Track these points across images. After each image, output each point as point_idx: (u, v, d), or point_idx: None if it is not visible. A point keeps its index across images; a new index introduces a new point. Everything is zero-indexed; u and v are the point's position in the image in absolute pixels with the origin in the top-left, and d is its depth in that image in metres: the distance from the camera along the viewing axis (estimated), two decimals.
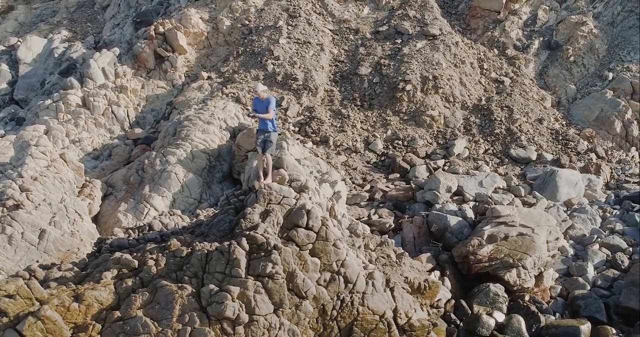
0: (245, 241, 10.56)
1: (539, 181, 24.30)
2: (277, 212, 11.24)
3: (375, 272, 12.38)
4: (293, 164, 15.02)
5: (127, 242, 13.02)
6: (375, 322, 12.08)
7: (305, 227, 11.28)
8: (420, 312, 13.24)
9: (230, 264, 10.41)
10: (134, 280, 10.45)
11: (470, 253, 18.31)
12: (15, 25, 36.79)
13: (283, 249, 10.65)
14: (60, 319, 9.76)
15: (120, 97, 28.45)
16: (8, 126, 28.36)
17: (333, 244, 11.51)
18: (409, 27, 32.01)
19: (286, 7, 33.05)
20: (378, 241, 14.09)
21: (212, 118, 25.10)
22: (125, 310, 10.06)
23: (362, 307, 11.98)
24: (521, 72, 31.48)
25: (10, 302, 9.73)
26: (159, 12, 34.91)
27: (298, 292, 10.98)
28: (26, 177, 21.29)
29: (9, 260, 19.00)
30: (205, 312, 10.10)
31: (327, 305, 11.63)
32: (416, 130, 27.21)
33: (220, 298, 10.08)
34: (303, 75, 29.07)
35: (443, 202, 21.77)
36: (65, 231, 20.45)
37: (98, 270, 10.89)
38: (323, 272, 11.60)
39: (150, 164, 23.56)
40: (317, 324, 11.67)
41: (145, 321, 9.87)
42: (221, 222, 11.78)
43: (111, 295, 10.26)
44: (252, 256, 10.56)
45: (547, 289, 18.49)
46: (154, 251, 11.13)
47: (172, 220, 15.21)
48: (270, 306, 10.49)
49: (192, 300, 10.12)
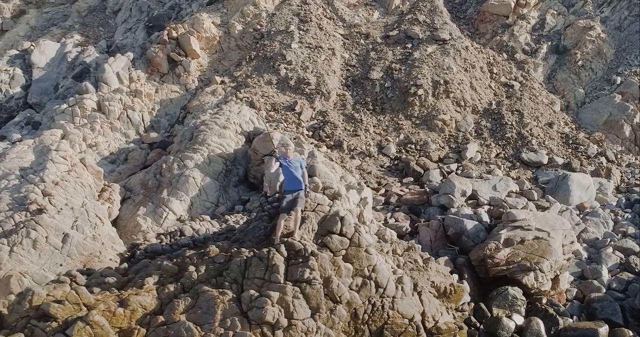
0: (283, 248, 10.90)
1: (551, 184, 24.63)
2: (311, 219, 11.59)
3: (404, 277, 12.71)
4: (325, 171, 15.34)
5: (161, 248, 13.32)
6: (405, 326, 12.40)
7: (339, 234, 11.60)
8: (447, 316, 13.57)
9: (269, 270, 10.73)
10: (176, 285, 10.76)
11: (487, 257, 18.61)
12: (27, 30, 37.06)
13: (320, 255, 10.99)
14: (107, 323, 10.06)
15: (135, 101, 28.74)
16: (24, 130, 28.61)
17: (365, 250, 11.84)
18: (419, 32, 32.37)
19: (297, 11, 33.38)
20: (405, 246, 14.41)
21: (227, 122, 25.41)
22: (169, 315, 10.37)
23: (392, 311, 12.30)
24: (530, 77, 31.86)
25: (59, 308, 10.04)
26: (170, 16, 35.22)
27: (332, 297, 11.30)
28: (48, 182, 21.57)
29: (34, 264, 19.23)
30: (246, 317, 10.40)
31: (358, 309, 11.95)
32: (428, 134, 27.56)
33: (260, 303, 10.39)
34: (315, 80, 29.41)
35: (458, 206, 22.08)
36: (87, 235, 20.73)
37: (139, 276, 11.21)
38: (355, 277, 11.92)
39: (168, 168, 23.85)
40: (349, 327, 11.99)
41: (188, 325, 10.18)
42: (256, 229, 12.09)
43: (154, 300, 10.56)
44: (290, 262, 10.88)
45: (563, 292, 18.80)
46: (193, 257, 11.46)
47: (202, 225, 15.52)
48: (307, 311, 10.81)
49: (233, 305, 10.43)
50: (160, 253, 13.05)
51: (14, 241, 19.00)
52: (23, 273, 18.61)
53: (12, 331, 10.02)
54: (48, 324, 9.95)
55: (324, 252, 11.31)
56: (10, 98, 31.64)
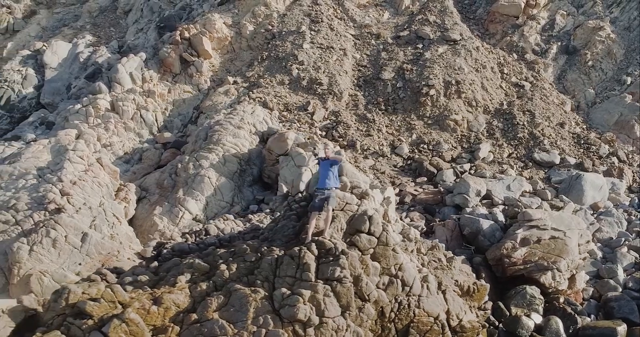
0: (314, 246, 11.03)
1: (564, 184, 24.74)
2: (340, 218, 11.72)
3: (429, 276, 12.84)
4: (352, 171, 15.45)
5: (187, 247, 13.45)
6: (430, 324, 12.54)
7: (367, 233, 11.74)
8: (470, 315, 13.70)
9: (300, 268, 10.86)
10: (208, 284, 10.89)
11: (504, 256, 18.72)
12: (38, 30, 37.22)
13: (350, 254, 11.12)
14: (142, 321, 10.20)
15: (148, 101, 28.88)
16: (38, 130, 28.77)
17: (392, 249, 11.98)
18: (430, 32, 32.49)
19: (308, 12, 33.51)
20: (429, 245, 14.55)
21: (242, 122, 25.55)
22: (202, 313, 10.50)
23: (418, 310, 12.43)
24: (540, 77, 31.98)
25: (95, 306, 10.16)
26: (181, 17, 35.36)
27: (361, 295, 11.43)
28: (66, 182, 21.71)
29: (53, 263, 19.35)
30: (278, 315, 10.53)
31: (385, 307, 12.08)
32: (441, 134, 27.68)
33: (292, 301, 10.53)
34: (327, 80, 29.54)
35: (473, 206, 22.20)
36: (105, 234, 20.87)
37: (171, 274, 11.34)
38: (382, 276, 12.05)
39: (183, 168, 23.99)
40: (376, 325, 12.12)
41: (221, 323, 10.31)
42: (284, 228, 12.22)
43: (187, 298, 10.70)
44: (320, 261, 11.02)
45: (579, 292, 18.91)
46: (224, 255, 11.60)
47: (227, 224, 15.64)
48: (338, 309, 10.94)
49: (265, 303, 10.56)
50: (187, 252, 13.18)
51: (33, 240, 19.15)
52: (43, 272, 18.80)
53: (49, 328, 10.16)
54: (84, 322, 10.09)
55: (352, 250, 11.44)
56: (23, 98, 31.80)
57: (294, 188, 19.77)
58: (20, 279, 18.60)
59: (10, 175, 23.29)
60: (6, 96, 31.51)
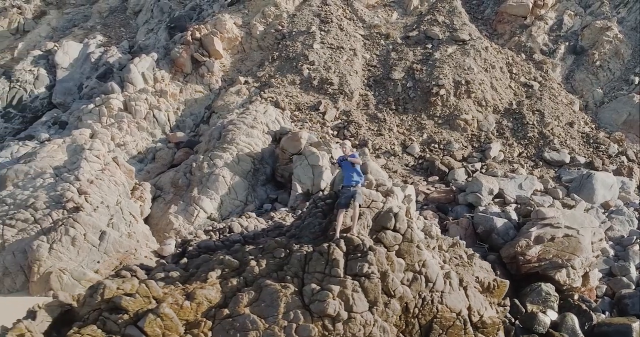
0: (342, 243, 11.25)
1: (575, 183, 24.96)
2: (367, 215, 11.94)
3: (451, 272, 13.05)
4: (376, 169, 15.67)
5: (213, 244, 13.67)
6: (453, 320, 12.73)
7: (393, 230, 11.95)
8: (490, 310, 13.90)
9: (329, 264, 11.07)
10: (238, 279, 11.10)
11: (518, 254, 18.93)
12: (49, 30, 37.44)
13: (377, 250, 11.34)
14: (176, 316, 10.41)
15: (160, 101, 29.12)
16: (51, 130, 29.02)
17: (417, 246, 12.18)
18: (439, 32, 32.72)
19: (317, 12, 33.74)
20: (450, 242, 14.77)
21: (255, 122, 25.79)
22: (233, 308, 10.70)
23: (441, 306, 12.63)
24: (549, 77, 32.20)
25: (130, 300, 10.38)
26: (192, 17, 35.61)
27: (387, 291, 11.63)
28: (83, 181, 21.96)
29: (72, 261, 19.61)
30: (308, 310, 10.75)
31: (410, 303, 12.27)
32: (451, 133, 27.90)
33: (322, 296, 10.73)
34: (338, 80, 29.77)
35: (486, 205, 22.41)
36: (122, 233, 21.12)
37: (202, 270, 11.56)
38: (406, 272, 12.25)
39: (198, 167, 24.22)
40: (400, 321, 12.31)
41: (253, 318, 10.51)
42: (310, 225, 12.44)
43: (218, 294, 10.90)
44: (349, 257, 11.23)
45: (593, 289, 19.13)
46: (253, 252, 11.81)
47: (250, 222, 15.86)
48: (365, 304, 11.14)
49: (295, 298, 10.77)
50: (213, 249, 13.40)
51: (53, 238, 19.42)
52: (62, 270, 19.07)
53: (85, 323, 10.36)
54: (120, 317, 10.29)
55: (379, 247, 11.65)
56: (35, 98, 32.05)
57: (314, 186, 19.99)
58: (40, 277, 18.88)
59: (26, 174, 23.58)
60: (18, 96, 31.78)
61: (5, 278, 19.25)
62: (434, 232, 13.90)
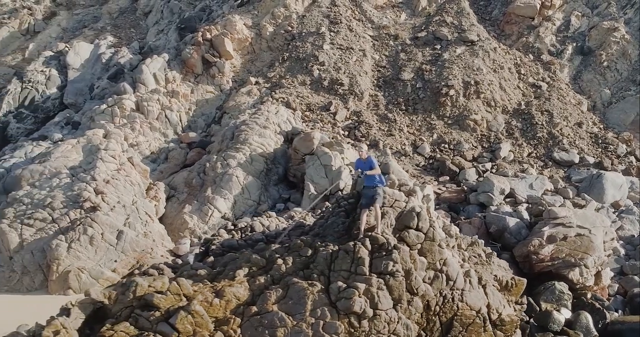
0: (368, 241, 11.49)
1: (585, 183, 25.18)
2: (390, 215, 12.17)
3: (471, 271, 13.27)
4: (398, 169, 15.90)
5: (236, 243, 13.91)
6: (473, 317, 12.95)
7: (415, 229, 12.18)
8: (509, 308, 14.12)
9: (355, 262, 11.31)
10: (266, 277, 11.34)
11: (531, 253, 19.15)
12: (59, 31, 37.73)
13: (402, 249, 11.58)
14: (206, 313, 10.65)
15: (172, 101, 29.37)
16: (64, 130, 29.25)
17: (438, 245, 12.41)
18: (447, 33, 32.94)
19: (327, 13, 33.98)
20: (469, 241, 15.00)
21: (267, 122, 26.02)
22: (261, 305, 10.93)
23: (461, 303, 12.85)
24: (557, 77, 32.42)
25: (162, 298, 10.61)
26: (201, 18, 35.86)
27: (410, 289, 11.87)
28: (99, 180, 22.21)
29: (90, 260, 19.88)
30: (334, 307, 10.98)
31: (431, 301, 12.51)
32: (461, 134, 28.13)
33: (348, 294, 10.97)
34: (348, 81, 30.01)
35: (497, 204, 22.62)
36: (139, 232, 21.37)
37: (229, 268, 11.80)
38: (428, 271, 12.48)
39: (211, 167, 24.46)
40: (422, 318, 12.54)
41: (281, 315, 10.74)
42: (334, 224, 12.68)
43: (246, 291, 11.12)
44: (374, 255, 11.47)
45: (605, 287, 19.35)
46: (279, 250, 12.05)
47: (271, 221, 16.11)
48: (390, 302, 11.38)
49: (322, 296, 11.00)
50: (237, 248, 13.63)
51: (71, 237, 19.70)
52: (81, 269, 19.34)
53: (117, 320, 10.59)
54: (151, 314, 10.52)
55: (402, 246, 11.89)
56: (47, 98, 32.32)
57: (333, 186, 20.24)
58: (59, 276, 19.16)
59: (41, 174, 23.84)
60: (30, 96, 32.05)
61: (24, 277, 19.52)
62: (453, 231, 14.15)
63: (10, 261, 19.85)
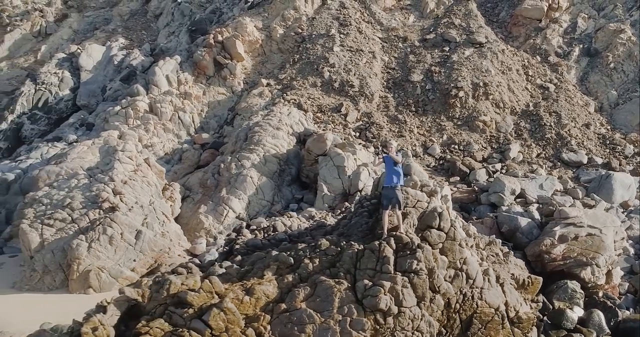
0: (392, 241, 11.85)
1: (594, 183, 25.51)
2: (412, 215, 12.54)
3: (489, 269, 13.63)
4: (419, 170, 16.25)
5: (260, 242, 14.28)
6: (492, 315, 13.32)
7: (437, 228, 12.55)
8: (525, 306, 14.48)
9: (380, 261, 11.68)
10: (293, 276, 11.72)
11: (543, 252, 19.51)
12: (70, 33, 38.12)
13: (425, 248, 11.94)
14: (237, 310, 11.03)
15: (185, 103, 29.74)
16: (79, 131, 29.65)
17: (459, 244, 12.78)
18: (456, 35, 33.30)
19: (336, 16, 34.35)
20: (487, 240, 15.36)
21: (280, 124, 26.39)
22: (290, 302, 11.31)
23: (480, 301, 13.22)
24: (564, 79, 32.78)
25: (195, 295, 10.99)
26: (212, 20, 36.23)
27: (433, 287, 12.24)
28: (117, 181, 22.56)
29: (110, 259, 20.22)
30: (360, 304, 11.37)
31: (451, 299, 12.87)
32: (470, 135, 28.49)
33: (374, 292, 11.35)
34: (359, 82, 30.37)
35: (509, 204, 22.96)
36: (156, 232, 21.72)
37: (258, 267, 12.17)
38: (448, 269, 12.85)
39: (226, 168, 24.82)
40: (442, 316, 12.92)
41: (309, 312, 11.13)
42: (358, 224, 13.06)
43: (275, 289, 11.51)
44: (398, 254, 11.84)
45: (616, 286, 19.69)
46: (305, 249, 12.42)
47: (292, 221, 16.48)
48: (414, 299, 11.75)
49: (348, 293, 11.38)
50: (261, 247, 14.01)
51: (91, 237, 20.03)
52: (101, 268, 19.70)
53: (152, 317, 10.98)
54: (185, 311, 10.91)
55: (425, 245, 12.25)
56: (60, 100, 32.71)
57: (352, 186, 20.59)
58: (80, 275, 19.51)
59: (57, 175, 24.24)
60: (44, 98, 32.45)
61: (45, 276, 19.83)
62: (471, 230, 14.49)
63: (31, 260, 20.16)
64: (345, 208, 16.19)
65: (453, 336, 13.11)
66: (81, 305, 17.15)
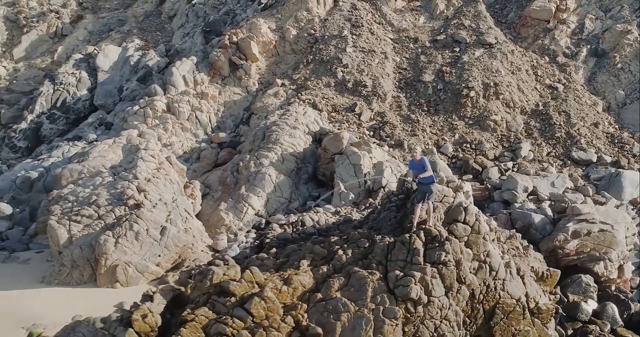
0: (422, 233, 12.48)
1: (604, 181, 26.12)
2: (440, 209, 13.17)
3: (511, 262, 14.26)
4: (444, 167, 16.86)
5: (290, 236, 14.91)
6: (513, 306, 13.95)
7: (463, 222, 13.18)
8: (544, 298, 15.10)
9: (410, 253, 12.30)
10: (328, 267, 12.34)
11: (557, 247, 20.16)
12: (85, 34, 38.78)
13: (453, 240, 12.57)
14: (277, 299, 11.64)
15: (201, 103, 30.38)
16: (98, 131, 30.29)
17: (483, 237, 13.40)
18: (466, 36, 33.91)
19: (348, 17, 34.97)
20: (507, 234, 15.99)
21: (296, 123, 27.01)
22: (325, 292, 11.93)
23: (502, 292, 13.84)
24: (572, 79, 33.38)
25: (237, 285, 11.60)
26: (226, 21, 36.86)
27: (459, 278, 12.86)
28: (141, 179, 23.16)
29: (136, 254, 20.83)
30: (392, 294, 11.98)
31: (476, 290, 13.50)
32: (482, 134, 29.10)
33: (405, 282, 11.96)
34: (371, 82, 30.99)
35: (521, 201, 23.57)
36: (180, 228, 22.34)
37: (293, 258, 12.80)
38: (473, 261, 13.47)
39: (244, 166, 25.43)
40: (467, 306, 13.55)
41: (344, 301, 11.75)
42: (386, 218, 13.69)
43: (311, 279, 12.14)
44: (427, 246, 12.46)
45: (627, 280, 20.33)
46: (338, 242, 13.04)
47: (319, 216, 17.09)
48: (442, 289, 12.37)
49: (381, 283, 12.00)
50: (291, 241, 14.63)
51: (118, 233, 20.65)
52: (127, 263, 20.33)
53: (196, 305, 11.59)
54: (227, 299, 11.53)
55: (452, 238, 12.88)
56: (77, 100, 33.37)
57: (375, 183, 21.24)
58: (107, 270, 20.14)
59: (80, 173, 24.90)
60: (62, 98, 33.11)
61: (74, 271, 20.42)
62: (493, 225, 15.11)
63: (60, 255, 20.75)
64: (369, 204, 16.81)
65: (477, 325, 13.72)
66: (108, 299, 17.84)
